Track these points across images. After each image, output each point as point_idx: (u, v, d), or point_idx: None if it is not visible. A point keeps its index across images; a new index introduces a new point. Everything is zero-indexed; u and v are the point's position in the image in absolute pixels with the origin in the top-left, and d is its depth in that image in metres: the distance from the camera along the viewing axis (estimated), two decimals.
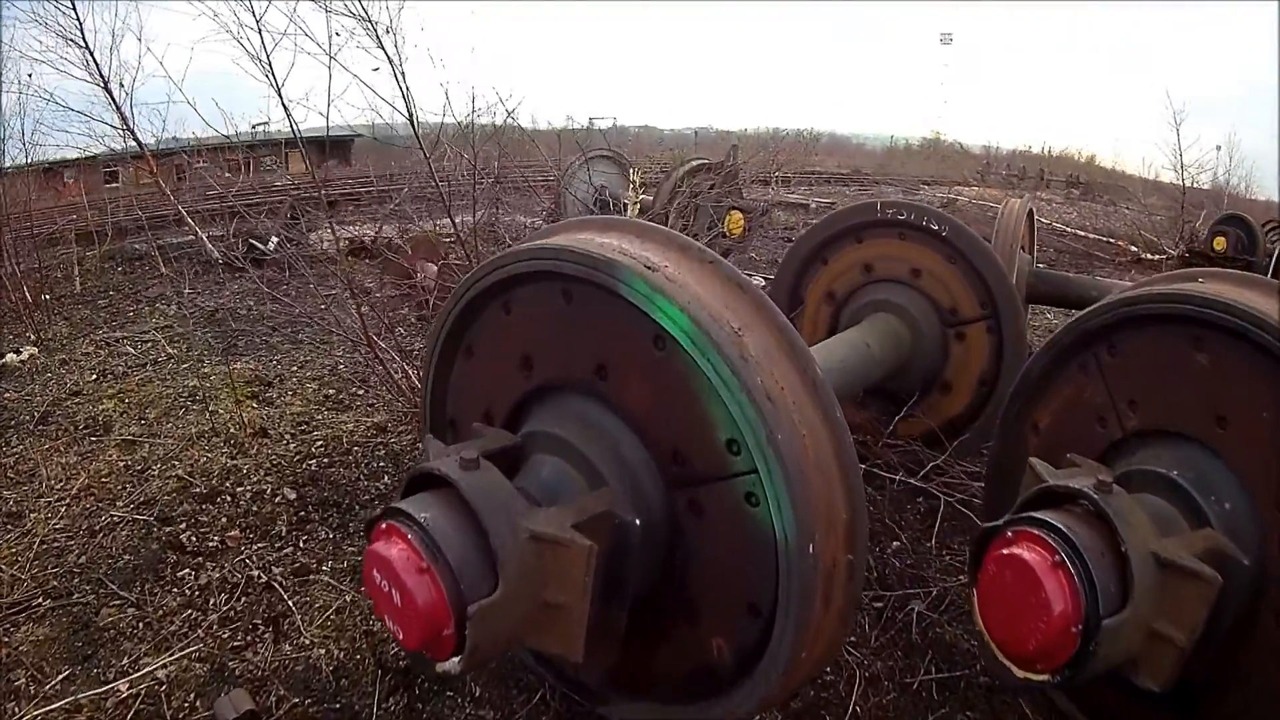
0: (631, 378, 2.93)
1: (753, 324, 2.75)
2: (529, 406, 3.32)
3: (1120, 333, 3.78)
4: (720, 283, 2.84)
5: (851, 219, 6.28)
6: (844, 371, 5.11)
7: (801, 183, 38.49)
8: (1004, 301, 5.82)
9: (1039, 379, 4.16)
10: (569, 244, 2.93)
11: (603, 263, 2.78)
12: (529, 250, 3.08)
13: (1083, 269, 19.25)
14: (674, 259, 2.88)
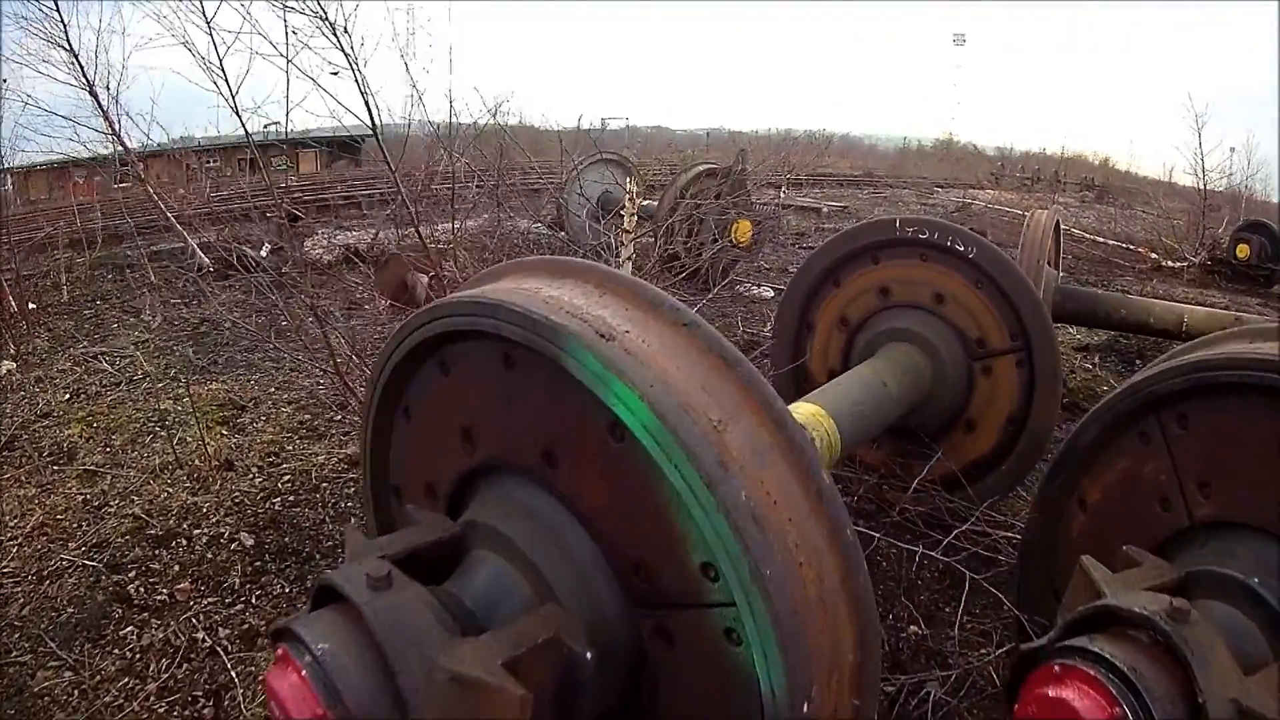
0: (586, 470, 2.29)
1: (738, 413, 2.11)
2: (474, 485, 2.68)
3: (1194, 402, 3.16)
4: (698, 355, 2.20)
5: (867, 237, 5.68)
6: (857, 417, 4.52)
7: (814, 185, 37.96)
8: (1037, 333, 5.24)
9: (1090, 447, 3.51)
10: (509, 298, 2.30)
11: (546, 327, 2.15)
12: (463, 302, 2.45)
13: (1102, 277, 18.82)
14: (639, 320, 2.24)
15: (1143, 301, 8.74)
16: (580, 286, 2.41)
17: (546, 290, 2.39)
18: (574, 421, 2.23)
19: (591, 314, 2.22)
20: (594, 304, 2.30)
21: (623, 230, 8.81)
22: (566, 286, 2.42)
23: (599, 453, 2.18)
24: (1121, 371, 10.45)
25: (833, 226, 22.86)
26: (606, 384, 2.03)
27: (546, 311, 2.18)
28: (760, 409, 2.14)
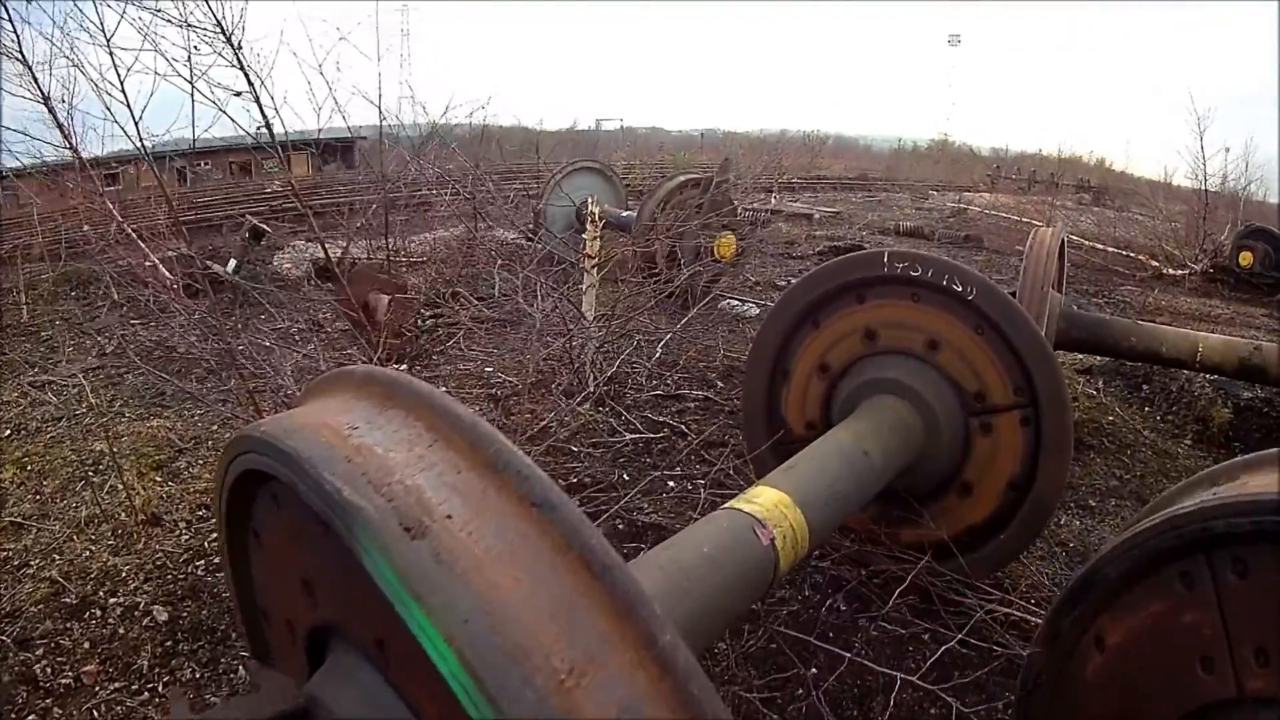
0: (417, 682, 1.59)
1: (605, 653, 1.38)
2: (325, 641, 2.00)
3: (1258, 548, 2.42)
4: (552, 556, 1.47)
5: (850, 273, 4.94)
6: (832, 501, 3.82)
7: (806, 188, 37.41)
8: (1046, 388, 4.52)
9: (1117, 582, 2.80)
10: (306, 445, 1.61)
11: (339, 506, 1.48)
12: (262, 440, 1.75)
13: (1102, 286, 18.38)
14: (473, 494, 1.55)
15: (1153, 329, 8.10)
16: (406, 426, 1.77)
17: (363, 430, 1.74)
18: (394, 615, 1.52)
19: (406, 482, 1.55)
20: (415, 460, 1.64)
21: (584, 255, 8.13)
22: (390, 424, 1.76)
23: (426, 669, 1.47)
24: (1128, 398, 9.84)
25: (825, 234, 22.33)
26: (407, 608, 1.35)
27: (343, 480, 1.49)
28: (639, 643, 1.42)
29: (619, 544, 5.65)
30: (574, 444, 7.16)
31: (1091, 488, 7.30)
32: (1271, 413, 9.25)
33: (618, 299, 9.31)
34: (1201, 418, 9.02)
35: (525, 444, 6.99)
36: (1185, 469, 7.97)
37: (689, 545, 3.08)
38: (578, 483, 6.52)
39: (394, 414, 1.81)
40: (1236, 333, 14.92)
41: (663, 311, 10.83)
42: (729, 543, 3.17)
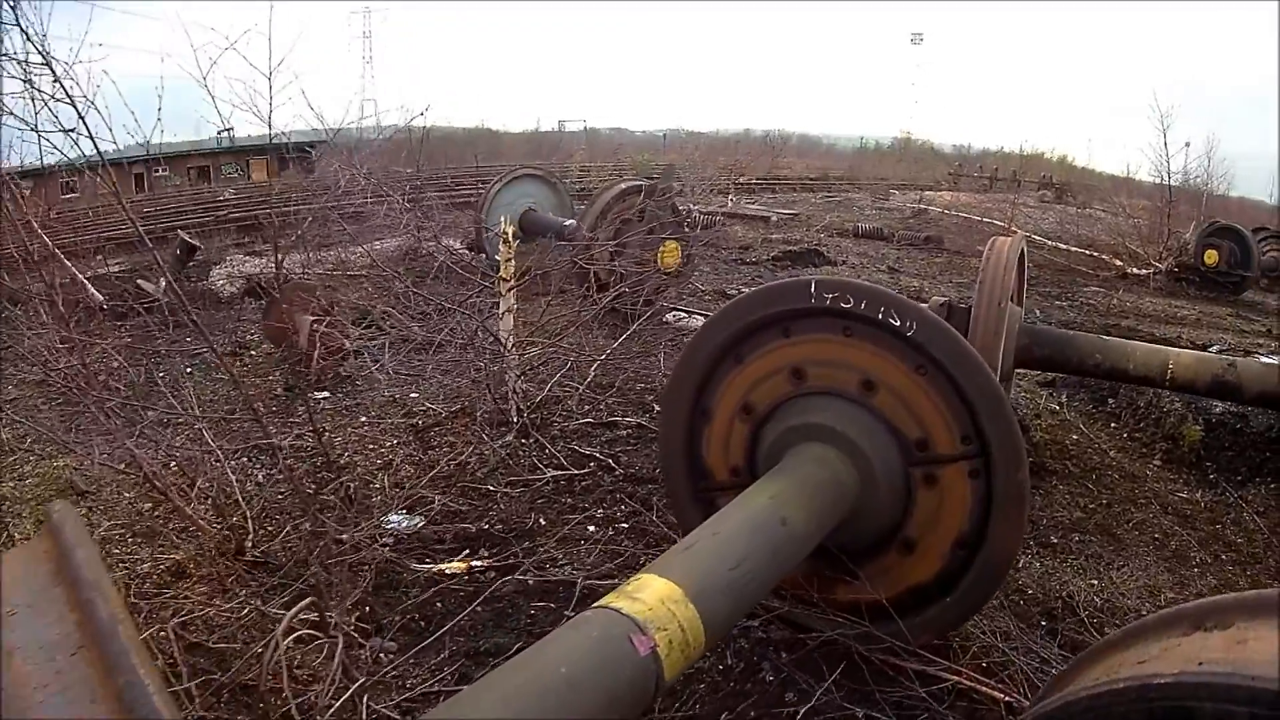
0: None
1: None
2: None
3: None
4: None
5: (774, 304, 4.30)
6: (737, 587, 3.20)
7: (766, 190, 36.94)
8: (998, 437, 3.90)
9: None
10: None
11: None
12: None
13: (1065, 288, 18.07)
14: None
15: (1121, 345, 7.55)
16: (60, 622, 1.68)
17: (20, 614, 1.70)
18: None
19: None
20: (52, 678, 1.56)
21: (500, 278, 7.49)
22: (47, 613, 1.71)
23: None
24: (1093, 413, 9.30)
25: (781, 237, 21.75)
26: None
27: None
28: None
29: (526, 602, 5.06)
30: (492, 481, 6.56)
31: (1054, 521, 6.75)
32: (1246, 430, 8.77)
33: (545, 317, 8.69)
34: (1171, 435, 8.52)
35: (438, 484, 6.46)
36: (1154, 493, 7.49)
37: (543, 665, 2.51)
38: (488, 530, 5.91)
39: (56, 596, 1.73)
40: (1204, 335, 14.55)
41: (603, 326, 10.25)
42: (596, 659, 2.58)
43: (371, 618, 4.95)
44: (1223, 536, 6.86)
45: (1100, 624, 5.21)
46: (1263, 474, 8.05)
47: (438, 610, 5.05)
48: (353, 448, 7.30)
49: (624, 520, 6.03)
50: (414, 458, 6.99)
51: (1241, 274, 20.26)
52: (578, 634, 2.70)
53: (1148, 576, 6.02)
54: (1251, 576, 6.25)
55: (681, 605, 2.92)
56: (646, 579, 3.04)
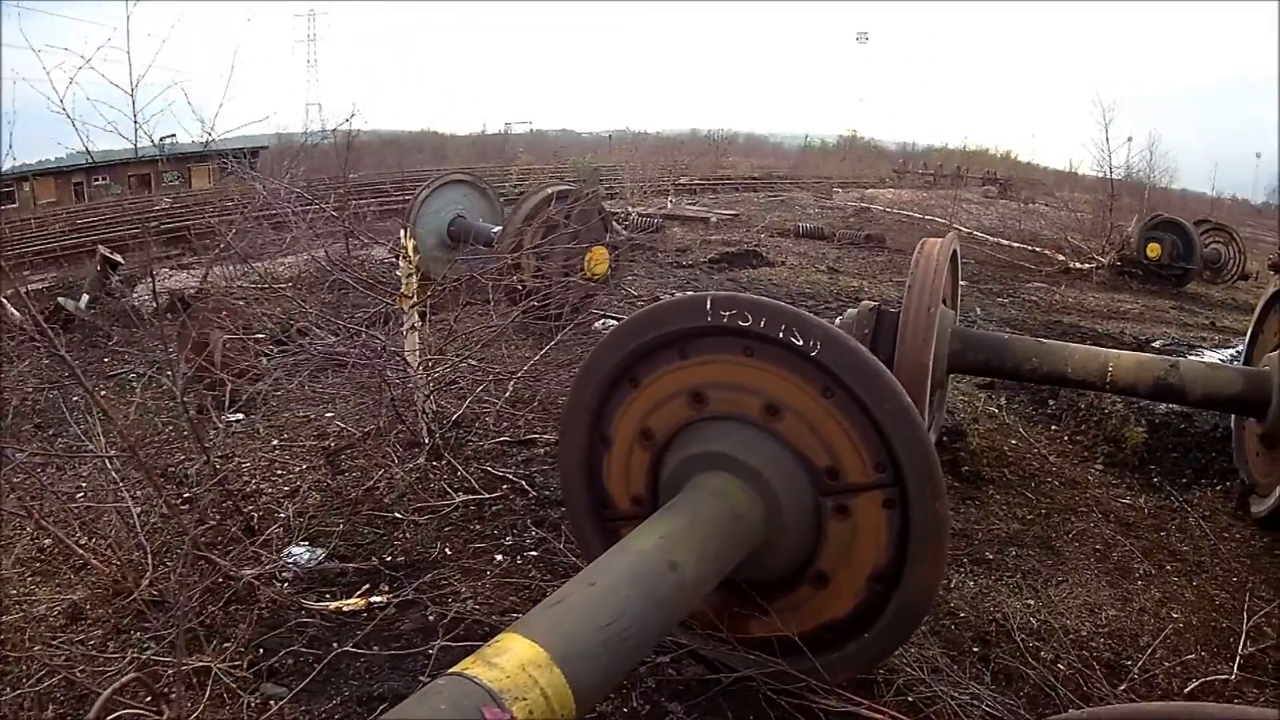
0: None
1: None
2: None
3: None
4: None
5: (668, 323, 3.94)
6: (613, 647, 2.87)
7: (708, 190, 36.81)
8: (913, 464, 3.58)
9: None
10: None
11: None
12: None
13: (1008, 284, 17.95)
14: None
15: (1059, 348, 7.32)
16: None
17: None
18: None
19: None
20: None
21: (401, 295, 7.12)
22: None
23: None
24: (1032, 416, 9.10)
25: (721, 238, 21.52)
26: None
27: None
28: None
29: (426, 640, 4.72)
30: (399, 508, 6.20)
31: (990, 534, 6.47)
32: (1190, 430, 8.63)
33: (465, 329, 8.32)
34: (1113, 438, 8.34)
35: (344, 513, 6.16)
36: (1095, 500, 7.29)
37: None
38: (391, 562, 5.57)
39: None
40: (1147, 329, 14.51)
41: (529, 337, 9.91)
42: None
43: (263, 660, 4.59)
44: (1167, 545, 6.64)
45: (1036, 649, 4.93)
46: (1208, 476, 7.90)
47: (334, 651, 4.69)
48: (261, 473, 6.94)
49: (533, 548, 5.71)
50: (322, 484, 6.63)
51: (1184, 266, 20.44)
52: (425, 707, 2.42)
53: (1088, 593, 5.76)
54: (1197, 587, 6.03)
55: (545, 670, 2.61)
56: (508, 640, 2.72)
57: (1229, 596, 5.92)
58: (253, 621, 4.70)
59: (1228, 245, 23.23)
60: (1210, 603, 5.84)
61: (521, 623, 2.87)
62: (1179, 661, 5.05)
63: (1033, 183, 51.17)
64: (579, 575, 3.22)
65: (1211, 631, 5.48)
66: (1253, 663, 5.11)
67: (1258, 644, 5.30)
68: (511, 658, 2.61)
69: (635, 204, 25.12)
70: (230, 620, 4.74)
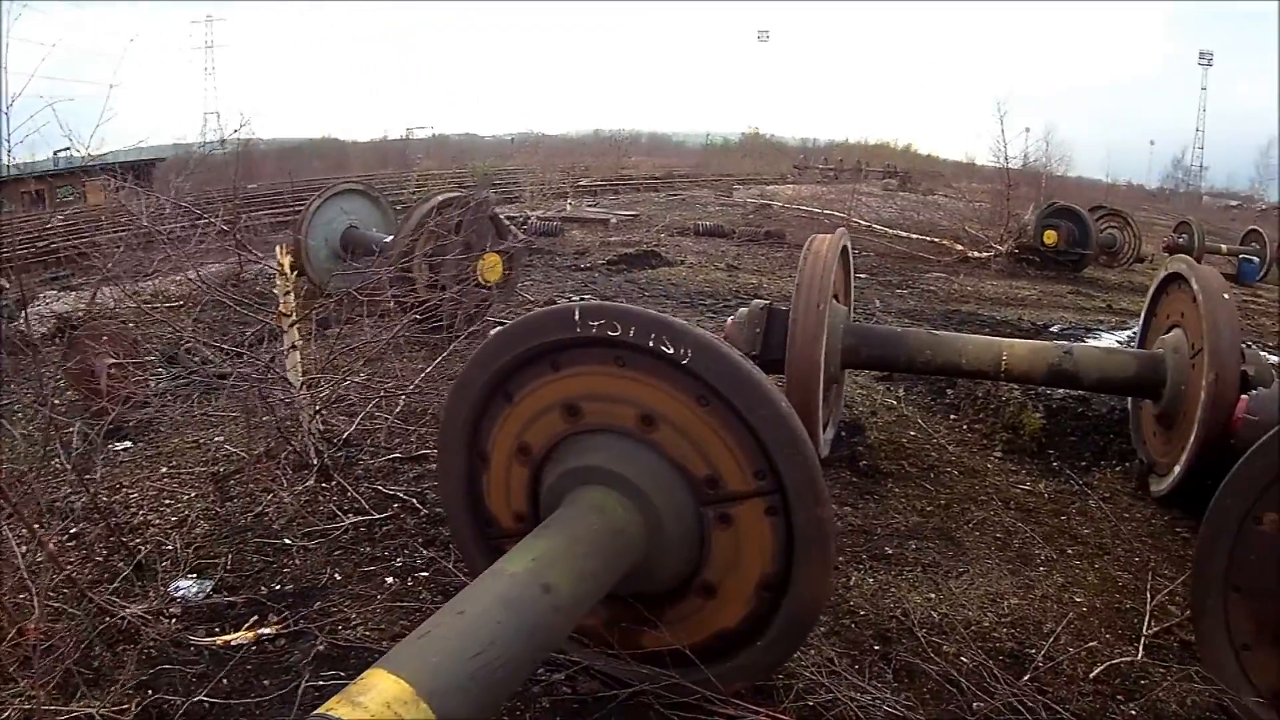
0: None
1: None
2: None
3: None
4: None
5: (538, 336, 3.83)
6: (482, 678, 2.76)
7: (608, 191, 36.71)
8: (792, 470, 3.51)
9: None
10: None
11: None
12: None
13: (907, 275, 18.11)
14: None
15: (952, 339, 7.36)
16: None
17: None
18: None
19: None
20: None
21: (280, 313, 6.92)
22: None
23: None
24: (931, 406, 9.12)
25: (620, 239, 21.43)
26: None
27: None
28: None
29: (315, 672, 4.55)
30: (288, 534, 6.02)
31: (889, 529, 6.43)
32: (1088, 413, 8.72)
33: (355, 342, 8.12)
34: (1012, 425, 8.35)
35: (232, 541, 5.95)
36: (995, 488, 7.32)
37: None
38: (281, 590, 5.40)
39: None
40: (1045, 315, 14.68)
41: (423, 348, 9.73)
42: None
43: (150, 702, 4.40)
44: (1068, 529, 6.68)
45: (938, 644, 4.89)
46: (1107, 457, 7.99)
47: (222, 688, 4.52)
48: (149, 504, 6.71)
49: (423, 569, 5.56)
50: (210, 511, 6.43)
51: (1080, 252, 20.82)
52: None
53: (989, 583, 5.76)
54: (1099, 570, 6.07)
55: (412, 707, 2.51)
56: (374, 676, 2.60)
57: (1132, 577, 5.96)
58: (139, 662, 4.53)
59: (1123, 230, 23.71)
60: (1113, 585, 5.87)
61: (389, 657, 2.76)
62: (1083, 647, 5.05)
63: (933, 175, 51.95)
64: (449, 603, 3.10)
65: (1115, 614, 5.50)
66: (1158, 643, 5.15)
67: (1162, 623, 5.35)
68: (376, 695, 2.51)
69: (534, 208, 25.01)
70: (118, 661, 4.54)
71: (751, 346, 6.84)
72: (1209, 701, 4.46)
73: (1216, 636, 4.33)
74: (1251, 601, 4.20)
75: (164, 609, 5.14)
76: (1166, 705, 4.54)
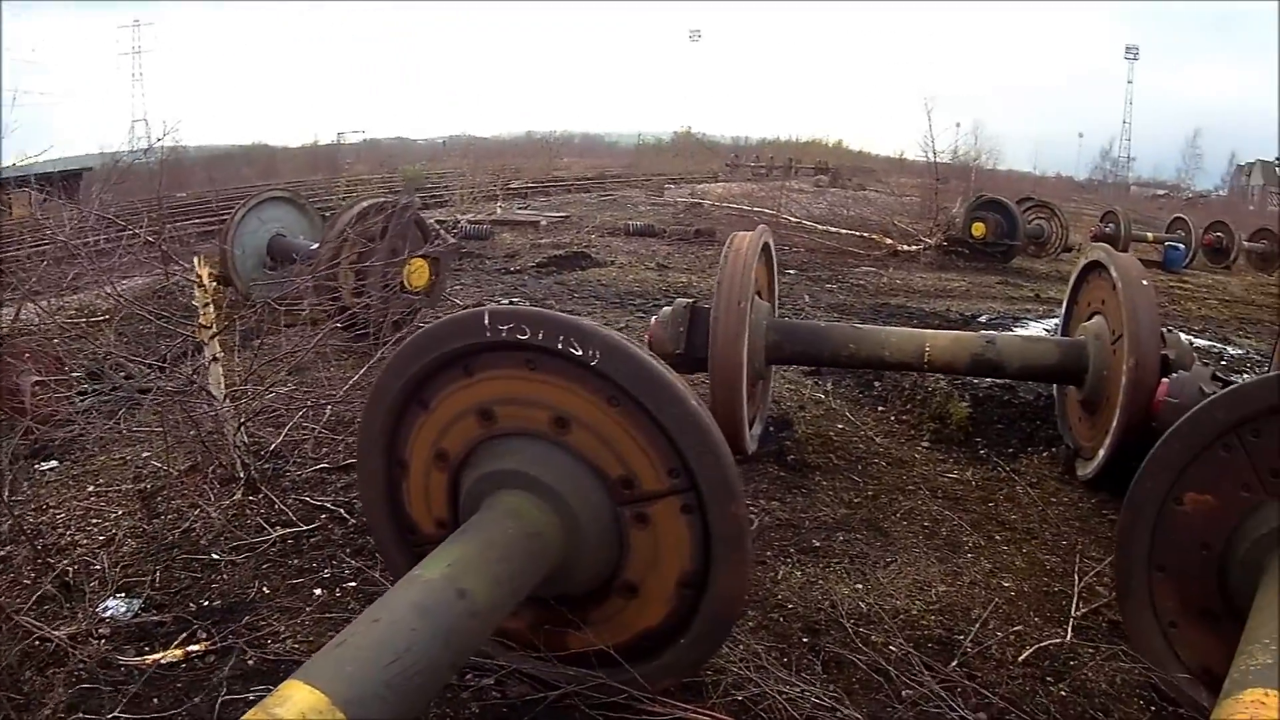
0: None
1: None
2: None
3: None
4: None
5: (449, 341, 3.83)
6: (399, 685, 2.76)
7: (539, 193, 36.63)
8: (704, 468, 3.54)
9: None
10: None
11: None
12: None
13: (837, 270, 18.18)
14: None
15: (875, 332, 7.45)
16: None
17: None
18: None
19: None
20: None
21: (200, 326, 6.85)
22: None
23: None
24: (859, 398, 9.20)
25: (551, 241, 21.39)
26: None
27: None
28: None
29: (246, 687, 4.52)
30: (216, 549, 5.96)
31: (817, 522, 6.45)
32: (1014, 401, 8.83)
33: (255, 358, 8.03)
34: (939, 414, 8.43)
35: (160, 558, 5.87)
36: (923, 477, 7.39)
37: None
38: (209, 606, 5.35)
39: None
40: (973, 305, 14.81)
41: (349, 357, 9.69)
42: None
43: None
44: (996, 515, 6.76)
45: (866, 634, 4.92)
46: (1034, 443, 8.08)
47: (154, 708, 4.47)
48: (76, 523, 6.62)
49: (351, 579, 5.53)
50: (138, 529, 6.35)
51: (1008, 243, 21.11)
52: None
53: (917, 571, 5.81)
54: (1027, 554, 6.15)
55: (328, 716, 2.49)
56: (290, 688, 2.60)
57: (1060, 560, 6.04)
58: (68, 684, 4.47)
59: (1050, 220, 24.08)
60: (1041, 568, 5.94)
61: (305, 668, 2.76)
62: (1011, 631, 5.12)
63: (864, 171, 52.35)
64: (365, 612, 3.11)
65: (1044, 597, 5.57)
66: (1086, 624, 5.22)
67: (1090, 604, 5.42)
68: (292, 706, 2.51)
69: (464, 211, 24.89)
70: (47, 684, 4.47)
71: (676, 345, 6.87)
72: (1138, 679, 4.53)
73: (1143, 616, 4.43)
74: (1175, 580, 4.30)
75: (93, 630, 5.08)
76: (1096, 684, 4.59)
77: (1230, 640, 3.54)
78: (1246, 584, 3.96)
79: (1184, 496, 4.22)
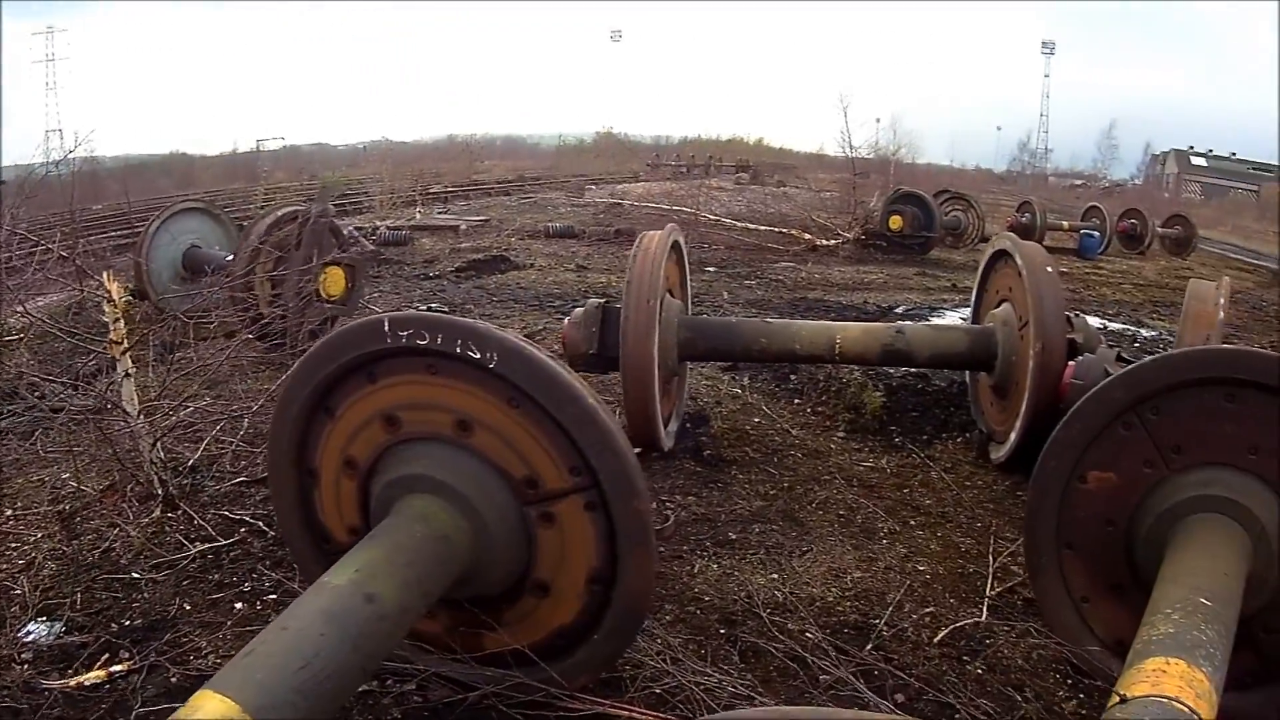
0: None
1: None
2: None
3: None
4: None
5: (350, 349, 3.87)
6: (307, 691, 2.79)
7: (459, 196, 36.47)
8: (605, 465, 3.61)
9: None
10: None
11: None
12: None
13: (756, 266, 18.26)
14: None
15: (785, 326, 7.56)
16: None
17: None
18: None
19: None
20: None
21: (110, 341, 6.79)
22: None
23: None
24: (775, 391, 9.29)
25: (471, 245, 21.35)
26: None
27: None
28: None
29: (170, 705, 4.51)
30: (136, 568, 5.92)
31: (732, 514, 6.53)
32: (927, 389, 8.96)
33: (170, 372, 7.96)
34: (854, 405, 8.57)
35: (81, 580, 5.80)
36: (838, 466, 7.49)
37: None
38: (130, 626, 5.31)
39: None
40: (891, 297, 14.96)
41: (266, 368, 9.62)
42: None
43: None
44: (911, 501, 6.88)
45: (783, 623, 4.99)
46: (948, 430, 8.20)
47: None
48: None
49: (271, 592, 5.52)
50: (58, 551, 6.28)
51: (926, 235, 21.45)
52: None
53: (833, 559, 5.89)
54: (942, 538, 6.28)
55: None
56: (201, 699, 2.64)
57: (974, 542, 6.17)
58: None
59: (966, 212, 24.54)
60: (956, 551, 6.07)
61: (216, 678, 2.79)
62: (926, 613, 5.23)
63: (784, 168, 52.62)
64: (275, 620, 3.14)
65: (959, 578, 5.69)
66: (1001, 603, 5.34)
67: (1005, 584, 5.55)
68: (204, 716, 2.55)
69: (384, 217, 24.80)
70: None
71: (589, 345, 6.93)
72: (1053, 655, 4.65)
73: (1055, 592, 4.57)
74: (1084, 557, 4.44)
75: (14, 655, 5.04)
76: (1012, 661, 4.71)
77: (1140, 613, 3.65)
78: (1152, 558, 4.08)
79: (1087, 475, 4.37)
